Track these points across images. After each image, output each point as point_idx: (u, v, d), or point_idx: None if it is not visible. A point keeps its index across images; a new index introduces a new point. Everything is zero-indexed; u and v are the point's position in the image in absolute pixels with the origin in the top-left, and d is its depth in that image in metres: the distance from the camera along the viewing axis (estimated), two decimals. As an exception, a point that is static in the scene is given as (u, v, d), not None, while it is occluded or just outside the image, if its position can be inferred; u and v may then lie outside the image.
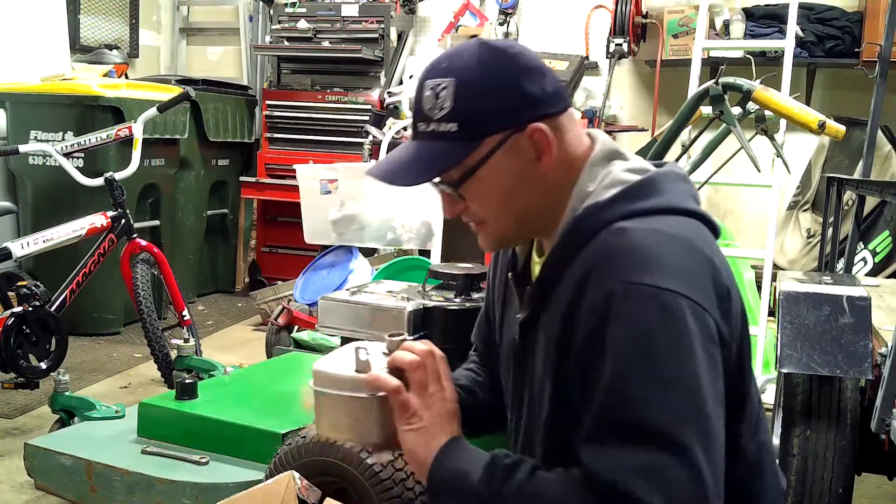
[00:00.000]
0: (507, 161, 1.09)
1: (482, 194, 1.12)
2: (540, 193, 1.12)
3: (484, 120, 1.08)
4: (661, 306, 0.97)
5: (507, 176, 1.10)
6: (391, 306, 2.11)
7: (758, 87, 2.21)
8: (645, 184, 1.10)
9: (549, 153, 1.10)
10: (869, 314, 2.00)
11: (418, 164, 1.11)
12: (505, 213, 1.13)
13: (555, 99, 1.11)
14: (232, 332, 4.72)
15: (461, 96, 1.07)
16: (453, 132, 1.08)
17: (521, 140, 1.09)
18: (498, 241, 1.20)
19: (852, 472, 2.04)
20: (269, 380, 2.68)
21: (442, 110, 1.08)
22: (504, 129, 1.08)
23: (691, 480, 0.92)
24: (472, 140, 1.08)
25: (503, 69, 1.08)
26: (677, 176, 1.14)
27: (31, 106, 4.30)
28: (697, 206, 1.12)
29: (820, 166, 4.79)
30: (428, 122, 1.10)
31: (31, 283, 3.23)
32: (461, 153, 1.08)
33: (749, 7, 4.92)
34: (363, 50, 5.27)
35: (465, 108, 1.07)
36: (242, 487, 1.84)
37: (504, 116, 1.08)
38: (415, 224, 4.23)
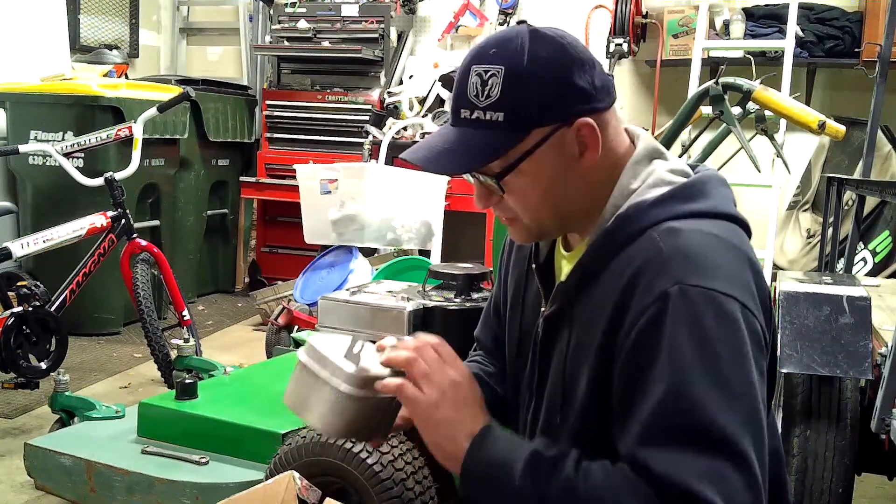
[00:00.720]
0: (551, 155, 1.06)
1: (523, 188, 1.08)
2: (580, 190, 1.10)
3: (532, 111, 1.04)
4: (718, 309, 0.97)
5: (550, 170, 1.07)
6: (391, 306, 2.11)
7: (758, 87, 2.21)
8: (691, 186, 1.10)
9: (595, 149, 1.08)
10: (869, 314, 2.00)
11: (462, 152, 1.06)
12: (542, 209, 1.10)
13: (603, 93, 1.10)
14: (232, 332, 4.72)
15: (510, 85, 1.03)
16: (500, 121, 1.04)
17: (568, 134, 1.06)
18: (532, 234, 1.16)
19: (852, 472, 2.04)
20: (269, 380, 2.68)
21: (489, 98, 1.04)
22: (552, 122, 1.05)
23: (748, 487, 0.93)
24: (519, 131, 1.04)
25: (554, 60, 1.05)
26: (720, 181, 1.15)
27: (31, 106, 4.30)
28: (737, 213, 1.12)
29: (820, 166, 4.79)
30: (473, 110, 1.05)
31: (31, 283, 3.23)
32: (507, 144, 1.05)
33: (749, 7, 4.92)
34: (363, 50, 5.27)
35: (513, 98, 1.03)
36: (242, 487, 1.84)
37: (553, 109, 1.05)
38: (415, 224, 4.23)
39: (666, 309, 0.97)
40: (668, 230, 1.03)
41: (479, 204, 1.14)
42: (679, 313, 0.96)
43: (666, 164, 1.13)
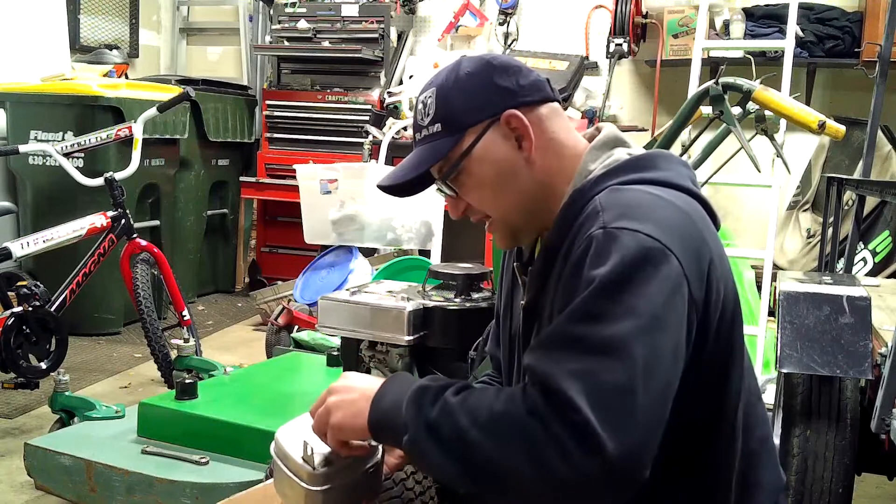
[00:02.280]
0: (490, 150, 1.16)
1: (474, 186, 1.18)
2: (530, 181, 1.17)
3: (462, 114, 1.17)
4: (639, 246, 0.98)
5: (494, 164, 1.16)
6: (391, 306, 2.11)
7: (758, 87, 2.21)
8: (642, 158, 1.16)
9: (529, 139, 1.16)
10: (869, 314, 2.00)
11: (412, 164, 1.20)
12: (501, 203, 1.18)
13: (531, 90, 1.18)
14: (232, 332, 4.72)
15: (442, 99, 1.18)
16: (439, 131, 1.18)
17: (501, 128, 1.16)
18: (508, 235, 1.23)
19: (852, 472, 2.04)
20: (269, 380, 2.68)
21: (429, 116, 1.19)
22: (482, 120, 1.16)
23: (623, 394, 0.91)
24: (455, 134, 1.16)
25: (476, 70, 1.19)
26: (678, 160, 1.19)
27: (31, 106, 4.30)
28: (694, 188, 1.15)
29: (820, 166, 4.79)
30: (421, 131, 1.20)
31: (31, 283, 3.23)
32: (446, 146, 1.17)
33: (749, 7, 4.92)
34: (363, 50, 5.27)
35: (445, 108, 1.17)
36: (242, 487, 1.84)
37: (480, 109, 1.16)
38: (415, 224, 4.23)
39: (590, 249, 1.01)
40: (609, 190, 1.09)
41: (451, 214, 1.25)
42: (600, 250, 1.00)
43: (627, 150, 1.19)
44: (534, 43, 5.35)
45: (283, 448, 1.15)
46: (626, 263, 0.97)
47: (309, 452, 1.11)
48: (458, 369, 2.11)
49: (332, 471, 1.11)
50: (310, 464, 1.11)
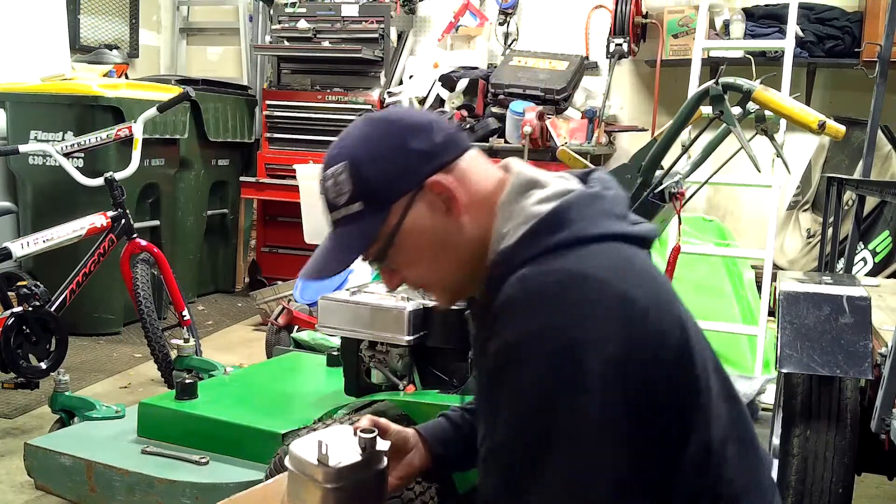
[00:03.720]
0: (420, 221, 1.09)
1: (410, 260, 1.12)
2: (465, 242, 1.11)
3: (384, 189, 1.09)
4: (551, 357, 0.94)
5: (427, 235, 1.10)
6: (391, 306, 2.11)
7: (758, 87, 2.21)
8: (551, 217, 1.05)
9: (457, 201, 1.09)
10: (869, 314, 2.00)
11: (339, 250, 1.13)
12: (438, 272, 1.13)
13: (447, 147, 1.11)
14: (232, 332, 4.72)
15: (358, 173, 1.09)
16: (362, 210, 1.09)
17: (426, 197, 1.09)
18: (449, 297, 1.19)
19: (852, 472, 2.04)
20: (269, 380, 2.68)
21: (345, 195, 1.10)
22: (405, 192, 1.09)
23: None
24: (380, 212, 1.09)
25: (386, 135, 1.10)
26: (590, 196, 1.08)
27: (31, 106, 4.30)
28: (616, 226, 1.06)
29: (820, 166, 4.79)
30: (338, 210, 1.12)
31: (31, 283, 3.23)
32: (374, 227, 1.10)
33: (749, 7, 4.92)
34: (363, 50, 5.27)
35: (363, 185, 1.09)
36: (242, 487, 1.84)
37: (401, 180, 1.09)
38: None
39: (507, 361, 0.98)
40: (517, 279, 1.01)
41: (387, 287, 1.19)
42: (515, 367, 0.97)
43: (541, 192, 1.09)
44: (534, 43, 5.35)
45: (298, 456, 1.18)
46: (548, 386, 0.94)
47: (324, 451, 1.14)
48: (458, 369, 2.11)
49: (346, 468, 1.15)
50: (325, 462, 1.14)
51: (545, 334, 0.95)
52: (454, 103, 5.11)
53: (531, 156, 4.48)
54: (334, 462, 1.14)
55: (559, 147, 3.73)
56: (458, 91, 5.10)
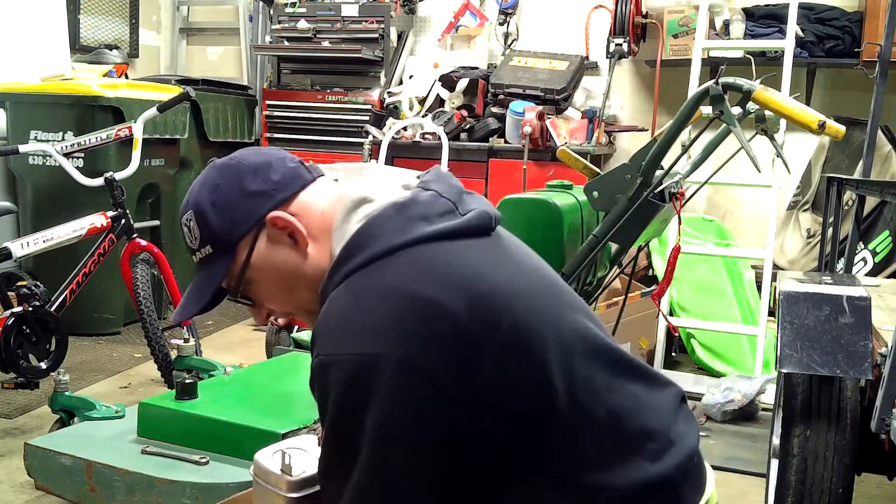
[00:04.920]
0: (268, 256, 1.15)
1: (267, 293, 1.19)
2: (315, 271, 1.14)
3: (227, 231, 1.15)
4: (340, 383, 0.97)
5: (276, 268, 1.15)
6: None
7: (758, 87, 2.20)
8: (356, 238, 1.08)
9: (299, 233, 1.13)
10: (869, 314, 1.99)
11: (197, 291, 1.21)
12: (295, 302, 1.18)
13: (284, 184, 1.15)
14: (232, 332, 4.71)
15: (202, 221, 1.16)
16: (211, 253, 1.17)
17: (269, 233, 1.14)
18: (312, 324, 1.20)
19: (852, 472, 2.03)
20: (269, 380, 2.68)
21: (197, 240, 1.18)
22: (248, 231, 1.15)
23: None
24: (228, 252, 1.16)
25: (224, 181, 1.16)
26: (395, 207, 1.08)
27: (31, 106, 4.30)
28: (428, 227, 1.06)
29: (820, 166, 4.79)
30: (195, 254, 1.20)
31: (31, 283, 3.23)
32: (223, 268, 1.17)
33: (749, 7, 4.91)
34: (363, 50, 5.27)
35: (208, 230, 1.16)
36: (242, 487, 1.84)
37: (242, 220, 1.14)
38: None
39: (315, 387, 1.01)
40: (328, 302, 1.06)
41: (257, 321, 1.26)
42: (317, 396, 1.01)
43: (367, 208, 1.10)
44: (534, 43, 5.35)
45: (262, 466, 1.20)
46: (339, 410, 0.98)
47: (287, 461, 1.17)
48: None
49: (309, 479, 1.17)
50: (288, 473, 1.17)
51: (339, 354, 0.98)
52: (454, 103, 5.11)
53: (531, 156, 4.48)
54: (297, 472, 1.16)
55: (559, 147, 3.72)
56: (458, 91, 5.10)
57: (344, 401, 0.96)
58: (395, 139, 4.84)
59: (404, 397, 0.95)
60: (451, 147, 4.65)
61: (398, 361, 0.95)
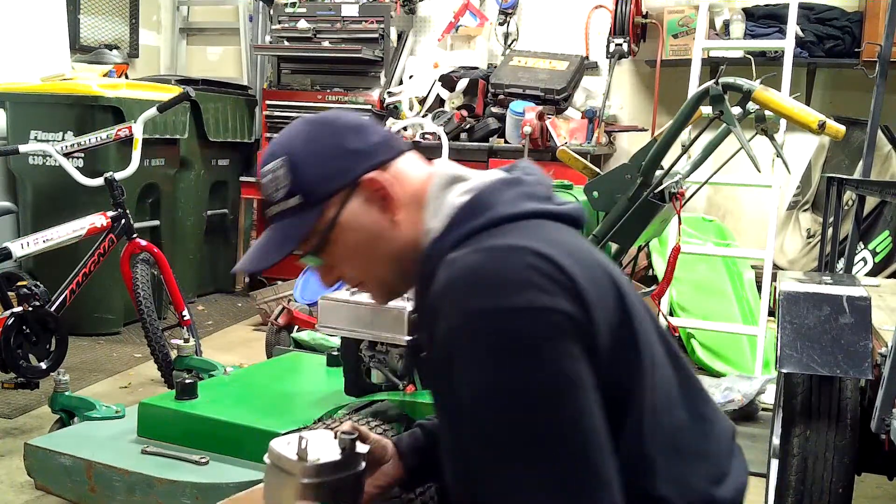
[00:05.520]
0: (355, 217, 1.13)
1: (345, 255, 1.15)
2: (399, 240, 1.13)
3: (320, 184, 1.12)
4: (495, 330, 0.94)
5: (362, 231, 1.13)
6: (391, 306, 2.11)
7: (758, 87, 2.21)
8: (471, 204, 1.09)
9: (391, 199, 1.12)
10: (869, 314, 2.00)
11: (274, 243, 1.15)
12: (373, 269, 1.16)
13: (383, 147, 1.15)
14: (232, 332, 4.72)
15: (296, 168, 1.12)
16: (298, 205, 1.12)
17: (362, 194, 1.13)
18: (385, 294, 1.20)
19: (852, 472, 2.03)
20: (269, 380, 2.68)
21: (282, 189, 1.13)
22: (342, 188, 1.12)
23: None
24: (316, 206, 1.12)
25: (324, 134, 1.14)
26: (506, 182, 1.12)
27: (31, 106, 4.30)
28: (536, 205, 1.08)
29: (820, 166, 4.79)
30: (275, 205, 1.15)
31: (31, 283, 3.23)
32: (309, 221, 1.13)
33: (749, 7, 4.92)
34: (363, 50, 5.27)
35: (301, 180, 1.12)
36: (242, 487, 1.84)
37: (337, 176, 1.12)
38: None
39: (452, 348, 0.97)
40: (446, 263, 1.02)
41: (324, 283, 1.21)
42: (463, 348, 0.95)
43: (463, 185, 1.13)
44: (534, 43, 5.35)
45: (276, 450, 1.18)
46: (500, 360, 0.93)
47: (303, 446, 1.15)
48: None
49: (324, 465, 1.15)
50: (303, 458, 1.15)
51: (484, 310, 0.94)
52: (454, 103, 5.11)
53: (531, 156, 4.48)
54: (313, 458, 1.15)
55: (559, 147, 3.72)
56: (458, 91, 5.11)
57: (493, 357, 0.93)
58: (395, 139, 4.83)
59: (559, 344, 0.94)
60: (451, 147, 4.65)
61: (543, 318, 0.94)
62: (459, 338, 0.95)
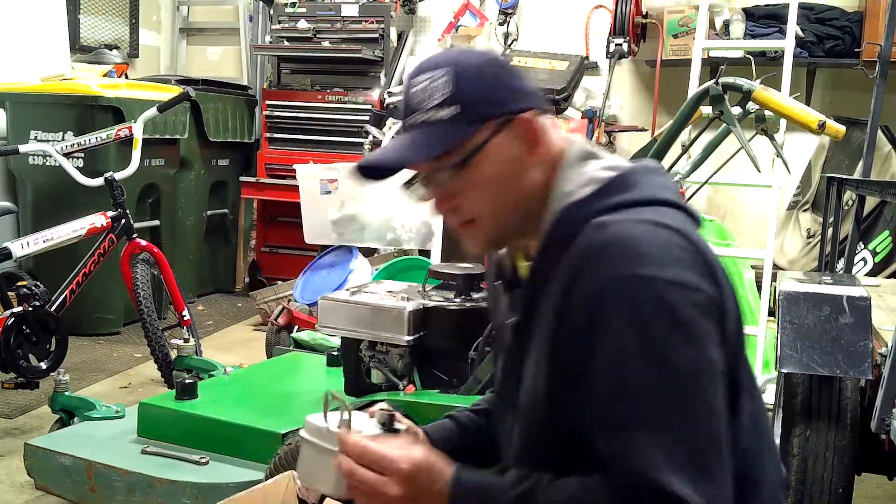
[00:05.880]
0: (502, 149, 1.10)
1: (477, 184, 1.11)
2: (529, 188, 1.13)
3: (482, 105, 1.09)
4: (653, 296, 0.96)
5: (503, 165, 1.11)
6: (391, 306, 2.11)
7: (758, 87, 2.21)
8: (619, 178, 1.10)
9: (540, 145, 1.12)
10: (869, 314, 2.00)
11: (417, 144, 1.10)
12: (499, 206, 1.13)
13: (538, 98, 1.15)
14: (232, 332, 4.72)
15: (462, 80, 1.09)
16: (452, 116, 1.08)
17: (514, 130, 1.11)
18: (490, 237, 1.17)
19: (852, 472, 2.04)
20: (269, 380, 2.68)
21: (440, 96, 1.09)
22: (500, 116, 1.10)
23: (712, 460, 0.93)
24: (471, 124, 1.09)
25: (491, 63, 1.12)
26: (652, 170, 1.15)
27: (31, 106, 4.30)
28: (673, 196, 1.12)
29: (820, 166, 4.79)
30: (422, 112, 1.10)
31: (31, 283, 3.23)
32: (461, 135, 1.09)
33: (749, 7, 4.92)
34: (363, 50, 5.27)
35: (467, 91, 1.09)
36: (242, 487, 1.84)
37: (501, 103, 1.10)
38: (415, 224, 4.23)
39: (602, 302, 0.98)
40: (597, 225, 1.03)
41: (436, 209, 1.16)
42: (614, 306, 0.97)
43: (600, 162, 1.14)
44: (534, 43, 5.35)
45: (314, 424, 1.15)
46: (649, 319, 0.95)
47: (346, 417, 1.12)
48: (458, 369, 2.11)
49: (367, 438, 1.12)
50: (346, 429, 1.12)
51: (641, 276, 0.96)
52: (454, 103, 5.11)
53: (531, 156, 4.48)
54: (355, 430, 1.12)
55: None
56: (459, 91, 5.10)
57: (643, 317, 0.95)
58: (394, 139, 4.83)
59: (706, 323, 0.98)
60: (451, 147, 4.64)
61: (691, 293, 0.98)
62: (612, 295, 0.97)
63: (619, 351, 0.96)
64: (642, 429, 0.93)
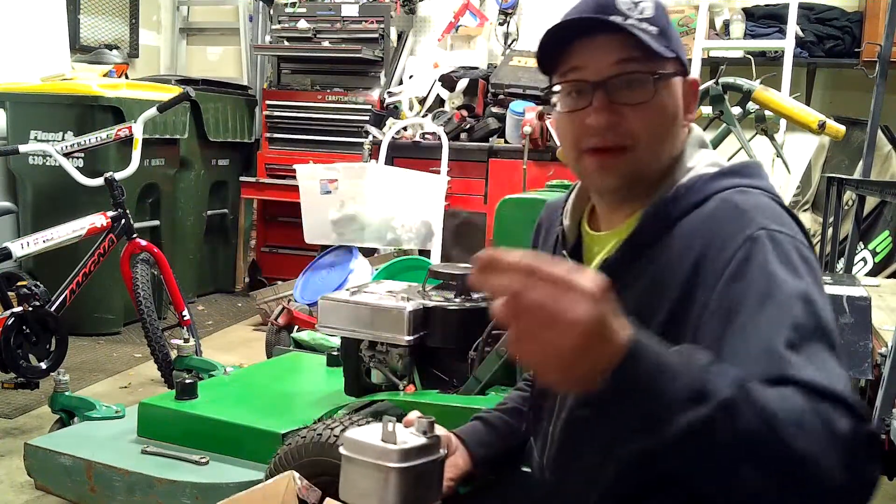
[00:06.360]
0: (675, 93, 1.14)
1: (656, 108, 1.11)
2: (678, 142, 1.16)
3: (677, 43, 1.14)
4: (800, 250, 1.04)
5: (675, 105, 1.14)
6: (391, 306, 2.11)
7: (758, 87, 2.21)
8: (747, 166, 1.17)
9: (691, 111, 1.18)
10: (869, 314, 2.00)
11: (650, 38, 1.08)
12: (658, 139, 1.13)
13: None
14: (232, 332, 4.72)
15: (661, 12, 1.12)
16: (655, 33, 1.09)
17: (687, 83, 1.16)
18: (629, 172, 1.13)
19: (852, 472, 2.03)
20: (269, 380, 2.68)
21: (644, 12, 1.10)
22: (678, 60, 1.13)
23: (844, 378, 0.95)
24: (666, 50, 1.09)
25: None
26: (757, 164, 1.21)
27: (31, 106, 4.31)
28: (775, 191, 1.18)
29: (820, 166, 4.79)
30: (626, 18, 1.08)
31: (31, 283, 3.23)
32: (665, 52, 1.09)
33: (749, 7, 4.92)
34: (363, 50, 5.27)
35: (664, 22, 1.12)
36: (242, 487, 1.84)
37: (684, 53, 1.15)
38: (415, 224, 4.23)
39: (755, 248, 1.02)
40: (740, 190, 1.10)
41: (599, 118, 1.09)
42: (769, 249, 1.02)
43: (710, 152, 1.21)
44: (534, 43, 5.33)
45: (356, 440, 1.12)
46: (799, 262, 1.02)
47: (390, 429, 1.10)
48: (458, 369, 2.11)
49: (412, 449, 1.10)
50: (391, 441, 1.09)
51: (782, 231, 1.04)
52: (454, 103, 5.11)
53: (531, 156, 4.48)
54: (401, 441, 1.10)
55: (559, 147, 3.72)
56: (458, 91, 5.10)
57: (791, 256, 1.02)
58: (395, 139, 4.83)
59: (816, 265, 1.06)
60: (451, 147, 4.65)
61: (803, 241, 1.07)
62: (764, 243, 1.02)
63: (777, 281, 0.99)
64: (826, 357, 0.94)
